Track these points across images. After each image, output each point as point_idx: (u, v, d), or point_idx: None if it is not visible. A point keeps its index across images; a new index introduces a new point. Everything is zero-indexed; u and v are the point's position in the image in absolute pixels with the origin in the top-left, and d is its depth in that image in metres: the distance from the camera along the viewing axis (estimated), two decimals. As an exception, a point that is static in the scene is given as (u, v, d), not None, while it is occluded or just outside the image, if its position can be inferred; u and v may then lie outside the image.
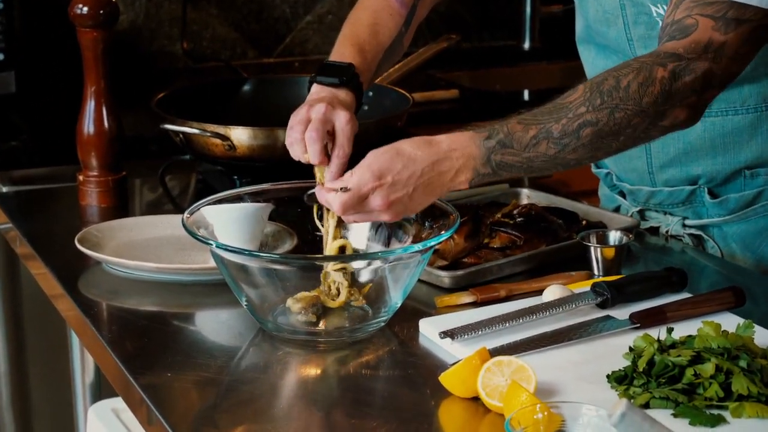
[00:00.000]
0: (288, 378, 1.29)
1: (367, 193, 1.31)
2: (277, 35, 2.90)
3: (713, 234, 1.66)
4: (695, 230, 1.67)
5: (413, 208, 1.34)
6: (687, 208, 1.67)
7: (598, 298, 1.39)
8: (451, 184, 1.33)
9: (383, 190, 1.30)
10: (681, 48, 1.37)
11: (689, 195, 1.65)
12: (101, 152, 1.80)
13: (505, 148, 1.33)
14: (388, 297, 1.36)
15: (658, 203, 1.68)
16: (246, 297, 1.35)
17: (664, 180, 1.66)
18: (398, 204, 1.31)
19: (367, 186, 1.30)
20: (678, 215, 1.68)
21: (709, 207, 1.65)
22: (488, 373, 1.18)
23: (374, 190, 1.30)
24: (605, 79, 1.36)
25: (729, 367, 1.16)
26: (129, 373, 1.29)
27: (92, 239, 1.59)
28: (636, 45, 1.58)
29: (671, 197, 1.66)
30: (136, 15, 2.75)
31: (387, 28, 1.61)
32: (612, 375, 1.21)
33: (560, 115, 1.35)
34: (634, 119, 1.34)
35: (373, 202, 1.31)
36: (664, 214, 1.69)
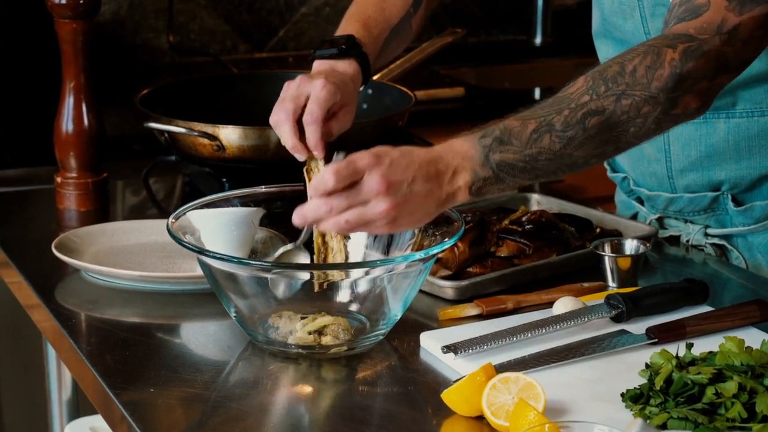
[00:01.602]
0: (279, 394, 1.30)
1: (362, 169, 1.23)
2: (270, 28, 2.91)
3: (737, 244, 1.67)
4: (718, 240, 1.67)
5: (414, 207, 1.26)
6: (709, 216, 1.67)
7: (612, 311, 1.39)
8: (450, 187, 1.28)
9: (381, 167, 1.23)
10: (692, 29, 1.35)
11: (711, 202, 1.65)
12: (80, 152, 1.80)
13: (504, 145, 1.29)
14: (388, 309, 1.36)
15: (678, 210, 1.69)
16: (235, 308, 1.36)
17: (685, 185, 1.66)
18: (397, 189, 1.23)
19: (363, 160, 1.23)
20: (699, 224, 1.68)
21: (733, 215, 1.65)
22: (494, 390, 1.19)
23: (371, 168, 1.23)
24: (609, 66, 1.33)
25: (753, 385, 1.17)
26: (109, 389, 1.29)
27: (70, 245, 1.59)
28: None
29: (692, 204, 1.67)
30: (119, 5, 2.75)
31: (394, 5, 1.61)
32: (627, 393, 1.21)
33: (561, 106, 1.31)
34: (644, 107, 1.31)
35: (370, 181, 1.23)
36: (684, 222, 1.69)
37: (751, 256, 1.66)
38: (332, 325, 1.35)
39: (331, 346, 1.34)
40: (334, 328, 1.35)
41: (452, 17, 3.00)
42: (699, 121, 1.62)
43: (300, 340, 1.34)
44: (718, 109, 1.60)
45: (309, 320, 1.35)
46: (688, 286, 1.44)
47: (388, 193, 1.24)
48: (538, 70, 2.91)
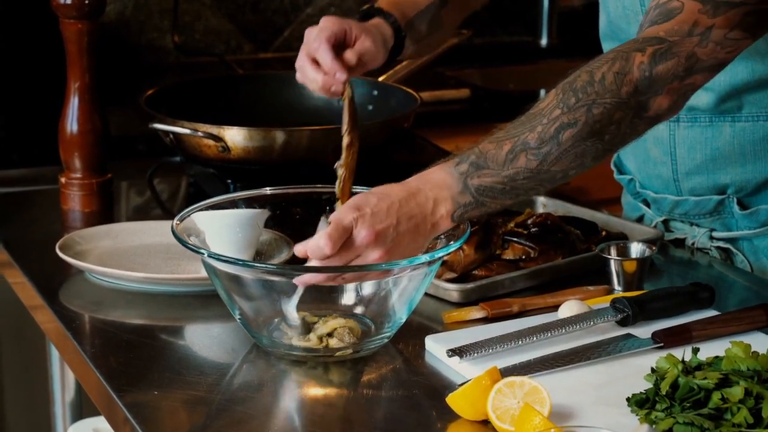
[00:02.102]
0: (284, 397, 1.30)
1: (349, 226, 1.27)
2: (275, 28, 2.91)
3: (743, 248, 1.66)
4: (723, 243, 1.67)
5: (405, 247, 1.30)
6: (715, 220, 1.67)
7: (618, 315, 1.39)
8: (434, 218, 1.30)
9: (365, 219, 1.28)
10: (662, 31, 1.35)
11: (717, 205, 1.65)
12: (85, 153, 1.80)
13: (481, 170, 1.31)
14: (393, 312, 1.36)
15: (683, 213, 1.69)
16: (239, 310, 1.36)
17: (690, 188, 1.66)
18: (386, 236, 1.28)
19: (348, 217, 1.27)
20: (705, 227, 1.68)
21: (738, 219, 1.65)
22: (499, 394, 1.19)
23: (356, 222, 1.28)
24: (578, 76, 1.33)
25: (759, 391, 1.16)
26: (112, 391, 1.29)
27: (74, 246, 1.59)
28: None
29: (698, 207, 1.67)
30: (124, 5, 2.76)
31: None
32: (632, 398, 1.21)
33: (534, 123, 1.31)
34: (616, 113, 1.31)
35: (358, 237, 1.27)
36: (690, 225, 1.69)
37: (756, 259, 1.66)
38: (338, 328, 1.35)
39: (336, 350, 1.34)
40: (340, 331, 1.35)
41: (458, 18, 2.99)
42: (705, 124, 1.62)
43: (305, 343, 1.34)
44: (724, 112, 1.60)
45: (321, 322, 1.35)
46: (694, 290, 1.44)
47: (377, 242, 1.28)
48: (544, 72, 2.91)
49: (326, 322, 1.35)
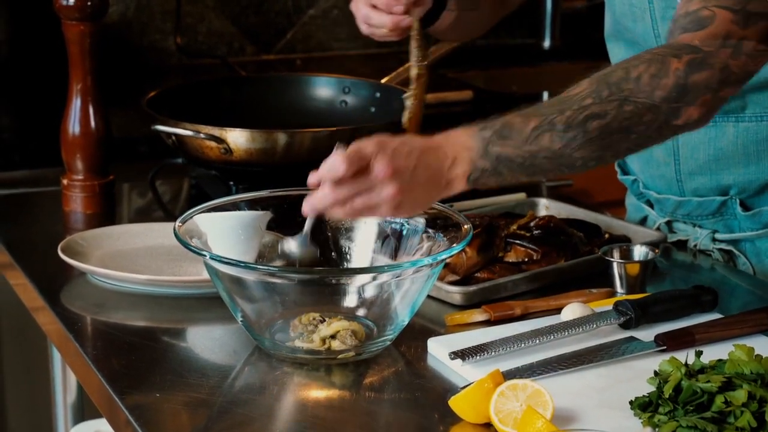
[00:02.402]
0: (286, 400, 1.30)
1: (368, 156, 1.27)
2: (278, 30, 2.91)
3: (745, 249, 1.66)
4: (726, 245, 1.67)
5: (417, 195, 1.29)
6: (717, 221, 1.67)
7: (621, 318, 1.39)
8: (449, 175, 1.30)
9: (386, 154, 1.27)
10: (697, 40, 1.35)
11: (720, 206, 1.65)
12: (87, 154, 1.80)
13: (504, 140, 1.31)
14: (395, 314, 1.36)
15: (686, 214, 1.69)
16: (241, 312, 1.36)
17: (693, 189, 1.66)
18: (402, 174, 1.27)
19: (369, 147, 1.27)
20: (707, 228, 1.68)
21: (741, 220, 1.65)
22: (501, 397, 1.19)
23: (376, 154, 1.27)
24: (613, 71, 1.34)
25: (762, 394, 1.16)
26: (114, 393, 1.29)
27: (76, 248, 1.59)
28: (662, 40, 1.59)
29: (700, 208, 1.67)
30: (126, 7, 2.76)
31: None
32: (635, 401, 1.21)
33: (563, 107, 1.32)
34: (646, 115, 1.32)
35: (376, 168, 1.26)
36: (693, 227, 1.69)
37: (758, 261, 1.66)
38: (341, 330, 1.35)
39: (338, 352, 1.34)
40: (343, 334, 1.35)
41: (461, 20, 2.99)
42: (708, 124, 1.62)
43: (307, 345, 1.34)
44: (727, 112, 1.60)
45: (326, 324, 1.35)
46: (697, 293, 1.44)
47: (393, 178, 1.27)
48: (547, 74, 2.91)
49: (329, 324, 1.35)
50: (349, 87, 2.04)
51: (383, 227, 1.46)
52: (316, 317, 1.36)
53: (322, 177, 1.28)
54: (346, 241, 1.48)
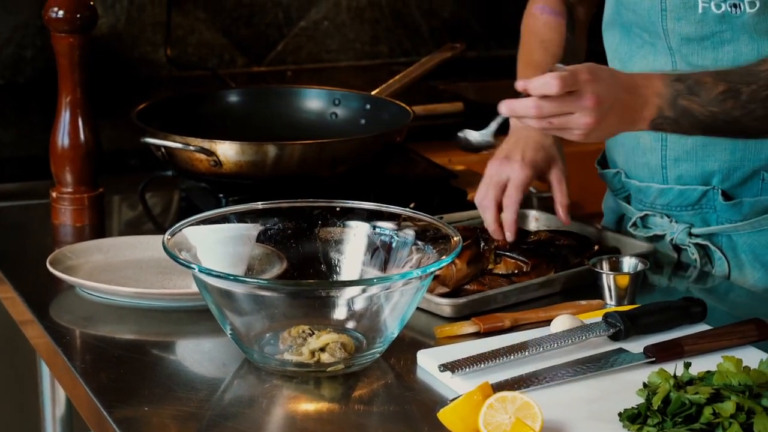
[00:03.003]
0: (275, 413, 1.30)
1: (580, 82, 1.39)
2: (269, 42, 2.92)
3: (722, 244, 1.68)
4: (702, 239, 1.68)
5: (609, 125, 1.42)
6: (695, 214, 1.69)
7: (610, 330, 1.39)
8: (637, 115, 1.44)
9: (596, 84, 1.40)
10: None
11: (700, 197, 1.67)
12: (76, 167, 1.81)
13: (692, 95, 1.45)
14: (384, 326, 1.36)
15: (665, 204, 1.70)
16: (230, 325, 1.36)
17: (677, 176, 1.68)
18: (603, 105, 1.40)
19: (583, 75, 1.39)
20: (684, 222, 1.69)
21: (720, 211, 1.66)
22: (491, 410, 1.19)
23: (587, 82, 1.39)
24: None
25: (751, 405, 1.17)
26: (103, 407, 1.29)
27: (65, 261, 1.60)
28: (668, 16, 1.61)
29: (681, 197, 1.68)
30: (117, 19, 2.76)
31: (553, 41, 1.78)
32: (624, 413, 1.22)
33: (751, 80, 1.47)
34: None
35: (583, 95, 1.39)
36: (669, 221, 1.70)
37: (734, 256, 1.67)
38: (330, 343, 1.35)
39: (327, 365, 1.34)
40: (332, 346, 1.35)
41: (452, 32, 3.01)
42: None
43: (297, 358, 1.34)
44: None
45: (315, 336, 1.35)
46: (686, 304, 1.44)
47: (595, 107, 1.40)
48: (538, 86, 2.92)
49: (318, 337, 1.36)
50: (340, 99, 2.05)
51: (373, 240, 1.47)
52: (306, 330, 1.37)
53: (533, 89, 1.39)
54: (336, 253, 1.48)
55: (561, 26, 1.79)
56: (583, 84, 1.39)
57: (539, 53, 1.76)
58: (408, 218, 1.45)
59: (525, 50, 1.81)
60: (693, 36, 1.60)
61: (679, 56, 1.63)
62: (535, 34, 1.80)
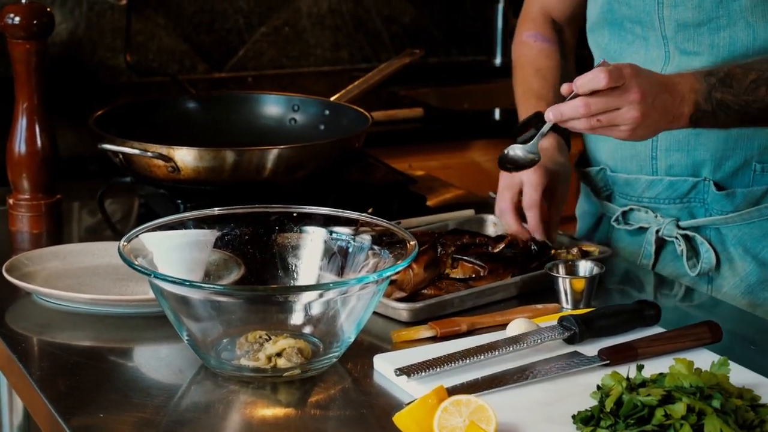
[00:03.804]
0: (232, 419, 1.30)
1: (626, 75, 1.43)
2: (229, 48, 2.92)
3: (710, 237, 1.69)
4: (690, 231, 1.69)
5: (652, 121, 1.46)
6: (683, 207, 1.70)
7: (565, 333, 1.41)
8: (677, 111, 1.49)
9: (640, 79, 1.44)
10: None
11: (690, 188, 1.68)
12: (33, 173, 1.80)
13: (725, 87, 1.50)
14: (341, 331, 1.37)
15: (653, 197, 1.71)
16: (187, 331, 1.36)
17: (668, 166, 1.69)
18: (647, 100, 1.44)
19: (627, 70, 1.44)
20: (669, 216, 1.70)
21: (713, 201, 1.67)
22: (445, 413, 1.20)
23: (632, 77, 1.44)
24: None
25: (701, 407, 1.18)
26: (59, 414, 1.29)
27: (21, 268, 1.59)
28: (665, 3, 1.64)
29: (671, 189, 1.70)
30: (76, 24, 2.75)
31: (549, 68, 1.80)
32: (578, 415, 1.23)
33: None
34: None
35: (629, 89, 1.43)
36: (654, 216, 1.72)
37: (723, 249, 1.69)
38: (287, 348, 1.35)
39: (284, 370, 1.35)
40: (289, 351, 1.35)
41: (412, 38, 3.02)
42: None
43: (253, 363, 1.35)
44: None
45: (271, 342, 1.36)
46: (641, 307, 1.45)
47: (640, 101, 1.44)
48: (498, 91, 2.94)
49: (275, 342, 1.36)
50: (299, 105, 2.05)
51: (330, 245, 1.47)
52: (263, 335, 1.37)
53: (580, 86, 1.43)
54: (293, 258, 1.48)
55: (555, 53, 1.82)
56: (628, 78, 1.44)
57: (537, 81, 1.78)
58: (365, 223, 1.46)
59: (522, 79, 1.82)
60: (690, 22, 1.63)
61: (673, 45, 1.64)
62: (530, 63, 1.82)
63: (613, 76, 1.43)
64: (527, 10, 1.87)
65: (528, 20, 1.85)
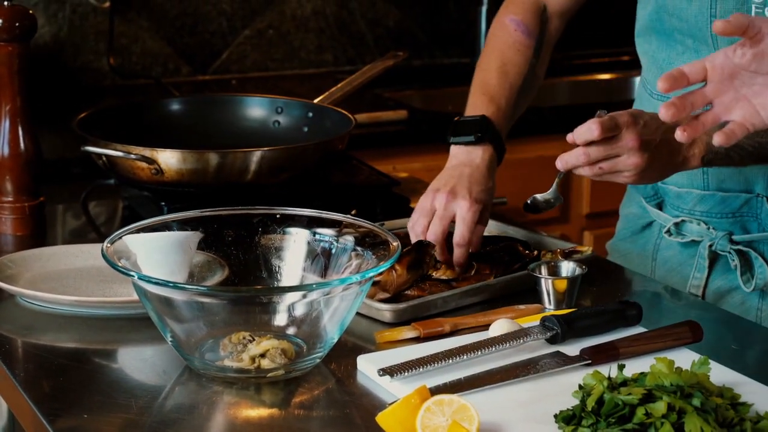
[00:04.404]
0: (215, 419, 1.31)
1: (621, 125, 1.45)
2: (213, 51, 2.92)
3: (764, 251, 1.69)
4: (743, 246, 1.69)
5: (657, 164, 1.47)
6: (735, 222, 1.69)
7: (547, 333, 1.42)
8: (686, 153, 1.49)
9: (637, 126, 1.45)
10: None
11: (743, 204, 1.68)
12: (16, 176, 1.80)
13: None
14: (324, 332, 1.38)
15: (705, 211, 1.70)
16: (171, 332, 1.37)
17: (719, 181, 1.68)
18: (648, 145, 1.46)
19: (623, 118, 1.46)
20: (722, 229, 1.70)
21: (766, 217, 1.67)
22: (428, 413, 1.20)
23: (628, 125, 1.46)
24: None
25: (682, 406, 1.19)
26: (43, 416, 1.29)
27: (5, 270, 1.59)
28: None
29: (723, 204, 1.69)
30: (59, 27, 2.76)
31: (516, 65, 1.76)
32: (560, 414, 1.24)
33: None
34: None
35: (625, 137, 1.45)
36: (707, 228, 1.71)
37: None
38: (271, 349, 1.36)
39: (268, 370, 1.35)
40: (272, 352, 1.36)
41: (396, 40, 3.03)
42: None
43: (237, 364, 1.35)
44: None
45: (255, 343, 1.36)
46: (622, 307, 1.47)
47: (638, 148, 1.46)
48: (482, 93, 2.94)
49: (259, 343, 1.37)
50: (282, 107, 2.06)
51: (313, 246, 1.48)
52: (246, 336, 1.38)
53: (577, 137, 1.45)
54: (276, 260, 1.49)
55: (528, 49, 1.77)
56: (623, 126, 1.46)
57: (497, 78, 1.73)
58: (348, 225, 1.47)
59: (485, 67, 1.76)
60: None
61: None
62: (500, 53, 1.76)
63: (605, 127, 1.45)
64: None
65: (518, 1, 1.80)
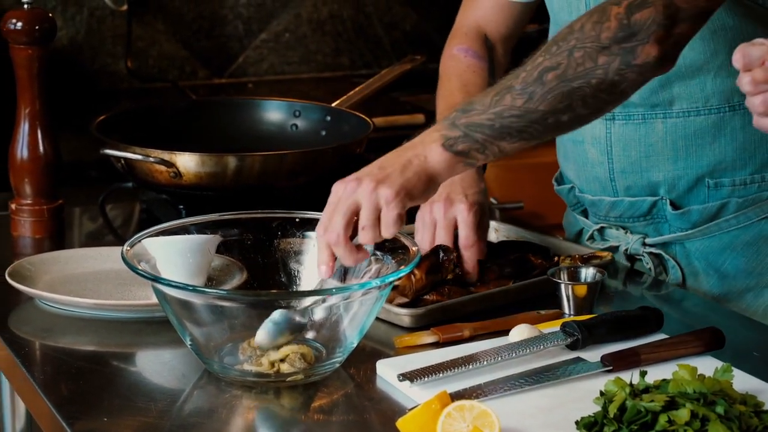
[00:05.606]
0: (235, 423, 1.30)
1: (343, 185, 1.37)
2: (230, 54, 2.92)
3: (675, 252, 1.71)
4: (656, 249, 1.70)
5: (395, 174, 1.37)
6: (648, 224, 1.71)
7: (568, 339, 1.41)
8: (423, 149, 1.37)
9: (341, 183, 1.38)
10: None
11: (650, 207, 1.70)
12: (35, 179, 1.80)
13: (467, 112, 1.38)
14: (344, 336, 1.37)
15: (618, 216, 1.73)
16: (190, 336, 1.36)
17: (626, 187, 1.70)
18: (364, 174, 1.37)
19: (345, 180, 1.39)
20: (638, 232, 1.72)
21: (671, 220, 1.69)
22: (448, 418, 1.20)
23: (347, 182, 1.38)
24: (559, 31, 1.41)
25: (705, 413, 1.18)
26: (62, 419, 1.29)
27: (24, 273, 1.59)
28: None
29: (632, 208, 1.71)
30: (77, 31, 2.76)
31: (476, 85, 1.75)
32: (581, 421, 1.23)
33: (518, 72, 1.40)
34: (599, 58, 1.37)
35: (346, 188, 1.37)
36: (624, 232, 1.73)
37: (688, 263, 1.70)
38: (290, 353, 1.36)
39: (287, 375, 1.35)
40: (292, 357, 1.36)
41: (413, 44, 3.03)
42: (638, 121, 1.67)
43: (256, 368, 1.35)
44: (655, 107, 1.65)
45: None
46: (644, 313, 1.46)
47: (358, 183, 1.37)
48: (498, 97, 2.94)
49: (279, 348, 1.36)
50: (300, 110, 2.06)
51: (332, 250, 1.47)
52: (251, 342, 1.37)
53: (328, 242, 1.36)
54: (295, 264, 1.49)
55: (483, 71, 1.77)
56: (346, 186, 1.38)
57: (461, 97, 1.72)
58: (367, 229, 1.46)
59: (446, 92, 1.76)
60: None
61: None
62: (457, 76, 1.76)
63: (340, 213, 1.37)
64: (460, 24, 1.83)
65: (460, 34, 1.81)
